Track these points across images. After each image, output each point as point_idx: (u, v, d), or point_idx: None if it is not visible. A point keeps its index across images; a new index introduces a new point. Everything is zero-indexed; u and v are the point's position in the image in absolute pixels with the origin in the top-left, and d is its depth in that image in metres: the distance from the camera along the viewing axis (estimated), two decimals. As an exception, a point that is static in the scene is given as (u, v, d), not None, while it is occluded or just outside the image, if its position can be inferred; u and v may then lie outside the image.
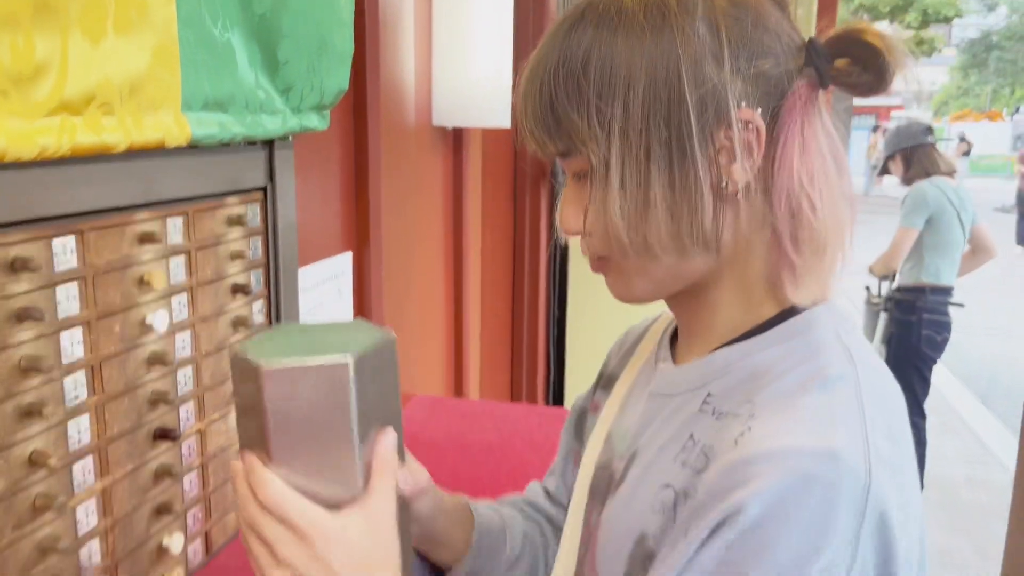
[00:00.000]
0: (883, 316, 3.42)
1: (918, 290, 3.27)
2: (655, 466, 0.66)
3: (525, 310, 3.04)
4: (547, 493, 0.93)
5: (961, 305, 3.30)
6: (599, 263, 0.69)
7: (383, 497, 0.62)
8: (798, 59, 0.63)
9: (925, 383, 3.34)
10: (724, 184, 0.61)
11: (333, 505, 0.61)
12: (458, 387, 2.24)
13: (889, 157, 3.41)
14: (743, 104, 0.61)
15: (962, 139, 16.21)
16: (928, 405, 3.41)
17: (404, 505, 0.70)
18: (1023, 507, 1.14)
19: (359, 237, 1.60)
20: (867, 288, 3.60)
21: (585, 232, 0.66)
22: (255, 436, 0.61)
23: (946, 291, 3.27)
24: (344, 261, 1.57)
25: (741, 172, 0.61)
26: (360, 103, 1.55)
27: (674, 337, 0.76)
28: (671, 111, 0.60)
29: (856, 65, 0.62)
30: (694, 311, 0.70)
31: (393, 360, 0.67)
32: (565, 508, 0.88)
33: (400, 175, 1.80)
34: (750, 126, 0.61)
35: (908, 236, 3.23)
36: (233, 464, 0.63)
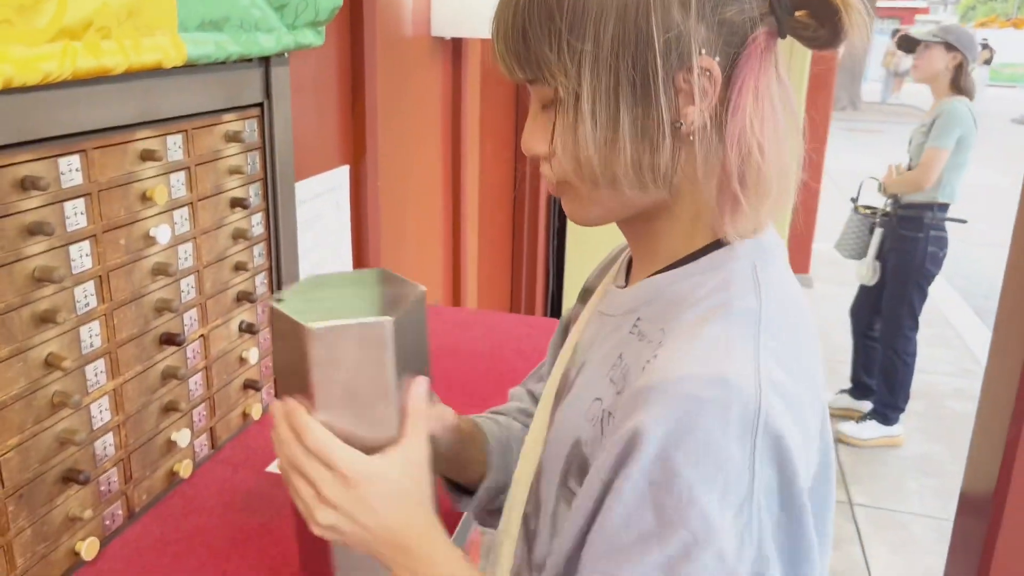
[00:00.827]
0: (878, 232, 3.43)
1: (927, 207, 3.26)
2: (593, 379, 0.73)
3: (525, 222, 3.09)
4: (532, 396, 1.01)
5: (964, 221, 3.31)
6: (557, 187, 0.73)
7: (417, 440, 0.71)
8: (762, 6, 0.66)
9: (923, 297, 3.38)
10: (679, 125, 0.65)
11: (372, 449, 0.68)
12: (456, 297, 2.31)
13: (924, 46, 3.15)
14: (703, 51, 0.64)
15: (984, 46, 15.73)
16: (923, 318, 3.48)
17: (432, 444, 0.77)
18: (990, 409, 1.22)
19: (356, 151, 1.64)
20: (852, 200, 3.59)
21: (549, 156, 0.70)
22: (297, 386, 0.68)
23: (947, 207, 3.28)
24: (341, 174, 1.62)
25: (697, 115, 0.64)
26: (357, 16, 1.56)
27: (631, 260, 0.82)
28: (638, 51, 0.63)
29: (814, 19, 0.65)
30: (641, 237, 0.75)
31: (423, 312, 0.74)
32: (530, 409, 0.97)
33: (398, 87, 1.83)
34: (708, 73, 0.64)
35: (941, 157, 3.11)
36: (273, 406, 0.71)
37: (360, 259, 1.73)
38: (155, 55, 0.97)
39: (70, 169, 0.91)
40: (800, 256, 5.95)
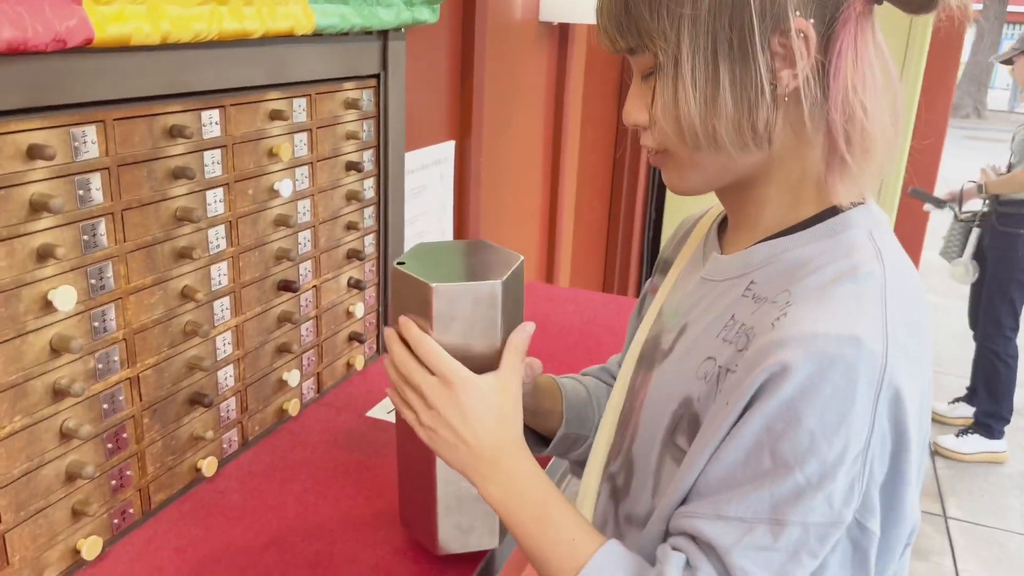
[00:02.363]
0: (976, 231, 3.31)
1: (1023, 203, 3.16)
2: (701, 340, 0.75)
3: (622, 210, 3.12)
4: (619, 364, 1.06)
5: None
6: (657, 156, 0.77)
7: (512, 370, 0.79)
8: None
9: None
10: (776, 86, 0.68)
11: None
12: (549, 274, 2.37)
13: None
14: (799, 14, 0.66)
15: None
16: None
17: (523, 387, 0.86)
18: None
19: (462, 127, 1.72)
20: (950, 206, 3.46)
21: (649, 125, 0.74)
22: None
23: None
24: (447, 149, 1.70)
25: (791, 77, 0.67)
26: (470, -2, 1.64)
27: (722, 228, 0.85)
28: (735, 13, 0.66)
29: None
30: (742, 205, 0.77)
31: (522, 276, 0.85)
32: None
33: (505, 69, 1.90)
34: (802, 35, 0.66)
35: None
36: (386, 332, 0.80)
37: (460, 230, 1.81)
38: (288, 22, 1.06)
39: (211, 122, 1.02)
40: (910, 251, 5.74)
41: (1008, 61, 3.26)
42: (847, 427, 0.61)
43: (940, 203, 3.40)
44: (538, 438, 1.00)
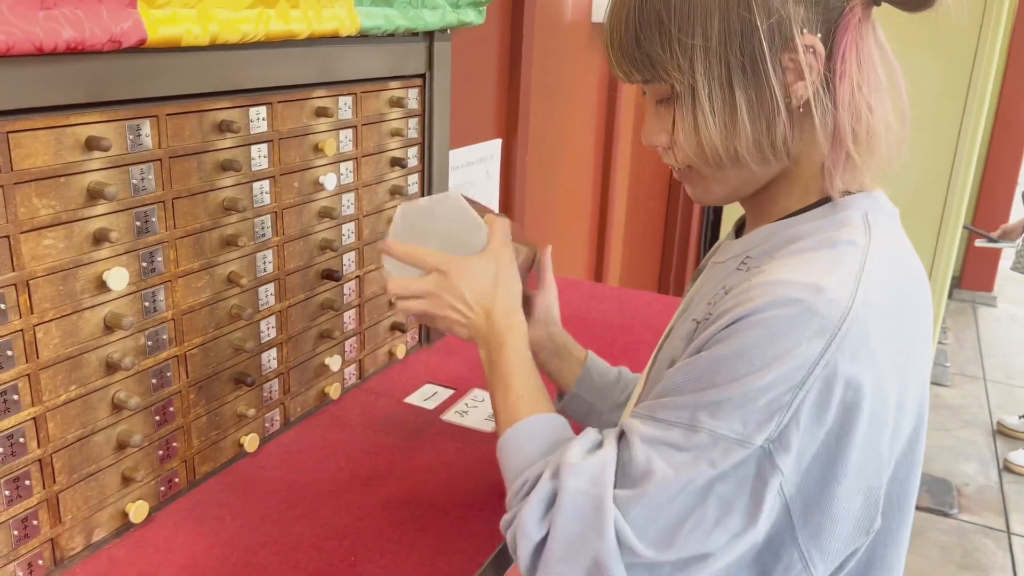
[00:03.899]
0: None
1: None
2: (693, 310, 0.80)
3: (679, 211, 3.11)
4: None
5: None
6: (681, 173, 0.81)
7: (501, 245, 0.91)
8: None
9: None
10: (790, 100, 0.71)
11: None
12: (598, 273, 2.40)
13: None
14: (805, 31, 0.69)
15: None
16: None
17: (520, 273, 0.95)
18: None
19: (508, 126, 1.76)
20: (1004, 243, 3.36)
21: (671, 146, 0.77)
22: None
23: None
24: (494, 147, 1.74)
25: (805, 88, 0.70)
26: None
27: (742, 223, 0.88)
28: (744, 40, 0.69)
29: None
30: (757, 202, 0.81)
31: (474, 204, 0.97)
32: None
33: (554, 70, 1.93)
34: (811, 49, 0.70)
35: None
36: (384, 270, 0.94)
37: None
38: (333, 24, 1.12)
39: (258, 118, 1.08)
40: (984, 273, 5.55)
41: None
42: (782, 361, 0.63)
43: (992, 239, 3.31)
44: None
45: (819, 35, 0.70)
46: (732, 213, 3.21)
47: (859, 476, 0.67)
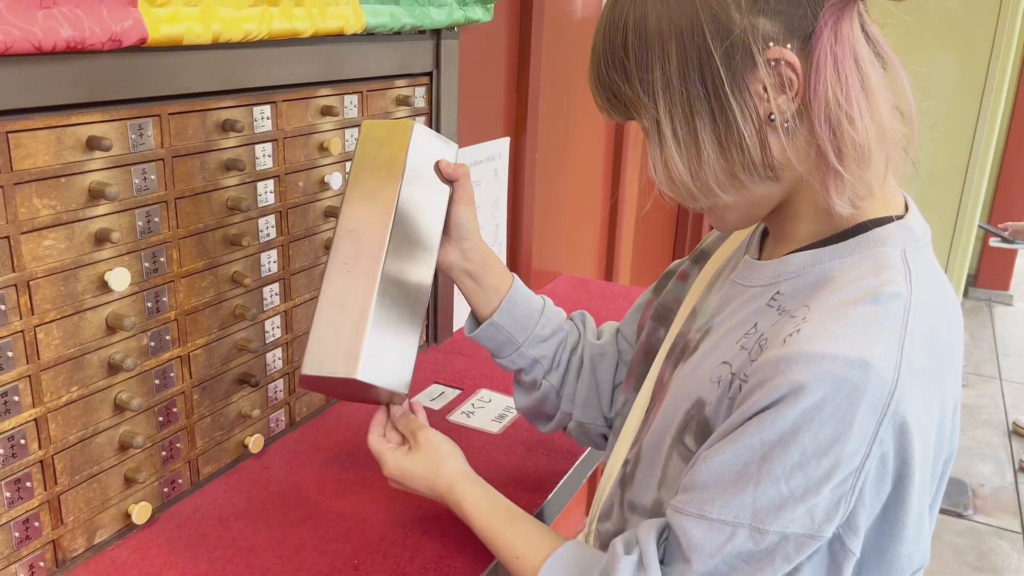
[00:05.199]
0: None
1: None
2: (722, 344, 0.76)
3: (690, 209, 3.09)
4: (617, 331, 1.08)
5: None
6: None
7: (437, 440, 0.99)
8: None
9: None
10: (771, 117, 0.67)
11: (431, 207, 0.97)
12: (608, 272, 2.38)
13: None
14: (771, 44, 0.65)
15: None
16: None
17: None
18: None
19: (517, 124, 1.75)
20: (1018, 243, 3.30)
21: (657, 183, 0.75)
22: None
23: None
24: (502, 145, 1.73)
25: (786, 103, 0.66)
26: (527, -4, 1.67)
27: (765, 233, 0.84)
28: (702, 67, 0.66)
29: None
30: (779, 219, 0.77)
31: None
32: (617, 347, 1.05)
33: (563, 67, 1.91)
34: (782, 63, 0.65)
35: None
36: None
37: (514, 225, 1.84)
38: (338, 22, 1.11)
39: (262, 117, 1.07)
40: (1000, 271, 5.49)
41: None
42: (840, 447, 0.61)
43: (1007, 239, 3.25)
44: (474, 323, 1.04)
45: (790, 45, 0.66)
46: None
47: (917, 529, 0.67)
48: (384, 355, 0.89)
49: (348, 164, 1.24)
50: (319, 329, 0.89)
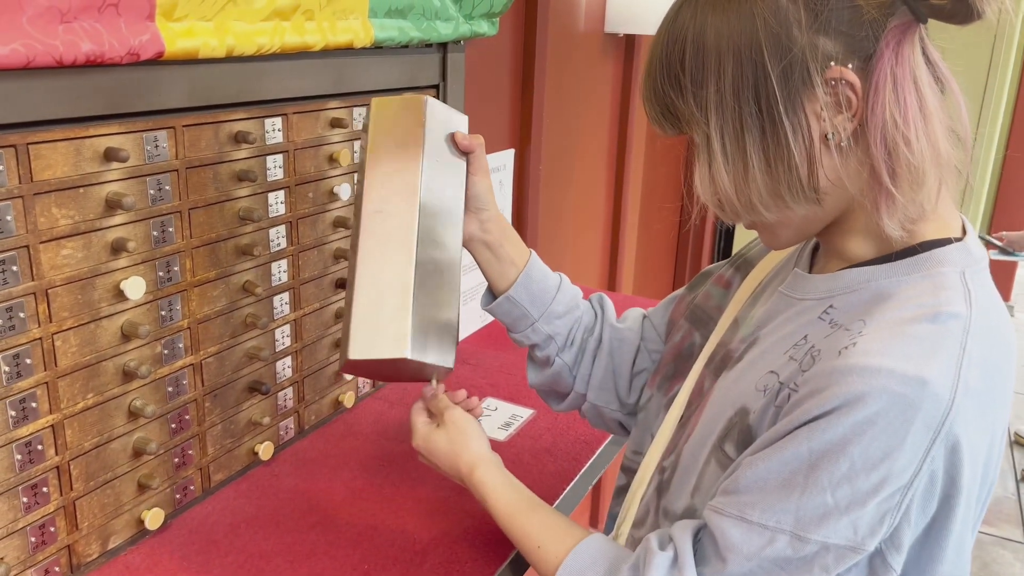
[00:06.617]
0: None
1: None
2: (769, 354, 0.76)
3: (693, 218, 3.11)
4: (644, 317, 1.07)
5: None
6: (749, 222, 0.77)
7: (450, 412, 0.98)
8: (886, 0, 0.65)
9: None
10: (828, 136, 0.67)
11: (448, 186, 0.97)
12: (612, 282, 2.40)
13: None
14: (831, 63, 0.65)
15: None
16: None
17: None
18: None
19: (522, 136, 1.77)
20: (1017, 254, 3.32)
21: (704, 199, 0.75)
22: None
23: None
24: (507, 157, 1.75)
25: (843, 123, 0.66)
26: (531, 9, 1.69)
27: (816, 247, 0.83)
28: (758, 85, 0.66)
29: None
30: (833, 235, 0.76)
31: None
32: (642, 334, 1.04)
33: (568, 80, 1.94)
34: (842, 82, 0.65)
35: None
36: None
37: (519, 235, 1.85)
38: (348, 36, 1.13)
39: (273, 129, 1.09)
40: (1001, 283, 5.49)
41: None
42: (891, 463, 0.61)
43: (1006, 250, 3.26)
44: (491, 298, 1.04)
45: (852, 65, 0.65)
46: (745, 236, 3.20)
47: (958, 550, 0.68)
48: (429, 332, 0.89)
49: (356, 175, 1.26)
50: (360, 313, 0.88)
